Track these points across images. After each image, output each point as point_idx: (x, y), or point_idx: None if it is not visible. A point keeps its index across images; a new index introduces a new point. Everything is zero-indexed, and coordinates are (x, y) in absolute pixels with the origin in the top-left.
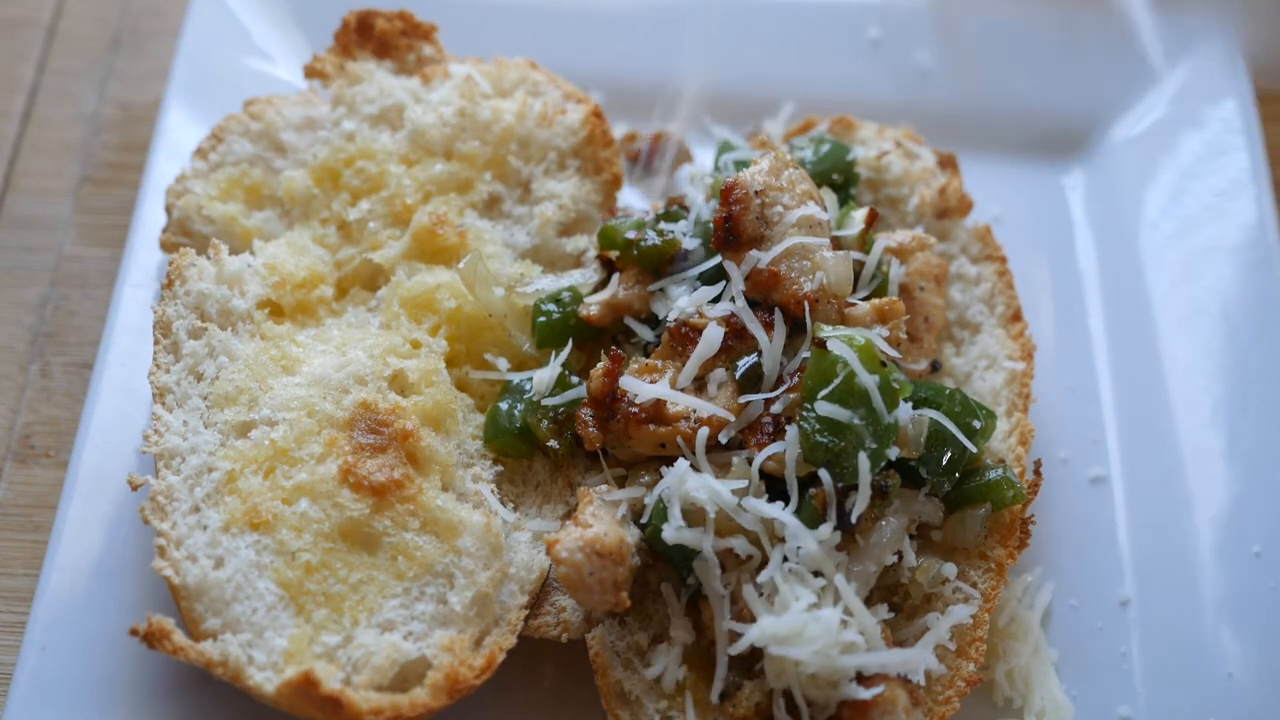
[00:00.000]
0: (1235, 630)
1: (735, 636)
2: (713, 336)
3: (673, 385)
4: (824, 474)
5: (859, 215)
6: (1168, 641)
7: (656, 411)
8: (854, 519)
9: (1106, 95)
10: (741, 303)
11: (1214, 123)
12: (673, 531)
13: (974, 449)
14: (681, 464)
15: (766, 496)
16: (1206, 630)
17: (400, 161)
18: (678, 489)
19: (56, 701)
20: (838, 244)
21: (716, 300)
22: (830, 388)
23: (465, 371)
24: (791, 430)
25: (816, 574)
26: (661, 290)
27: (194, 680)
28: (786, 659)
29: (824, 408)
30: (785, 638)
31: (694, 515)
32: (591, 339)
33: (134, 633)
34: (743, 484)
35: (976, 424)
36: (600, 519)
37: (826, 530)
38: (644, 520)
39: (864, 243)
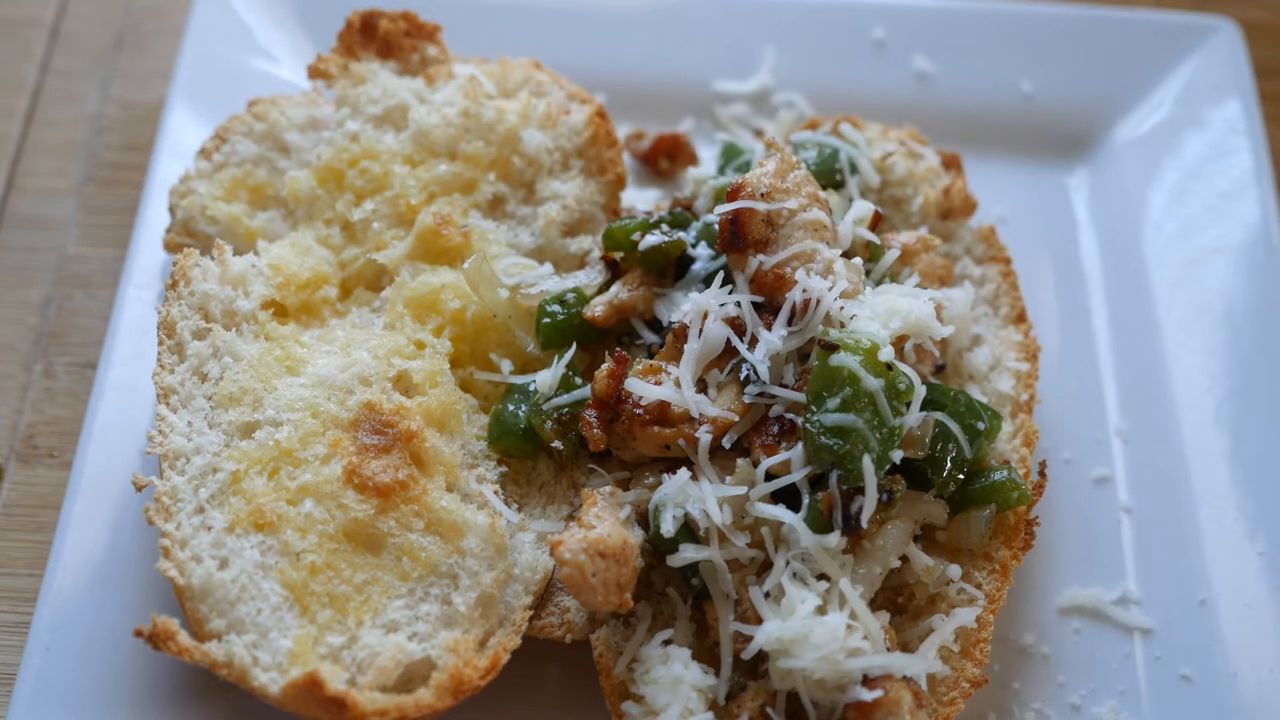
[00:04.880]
0: (1239, 630)
1: (739, 636)
2: (717, 338)
3: (677, 387)
4: (830, 477)
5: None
6: (1172, 642)
7: (661, 413)
8: (862, 522)
9: (1110, 96)
10: (746, 304)
11: (1217, 123)
12: (670, 528)
13: (975, 453)
14: (682, 474)
15: (771, 499)
16: (1210, 630)
17: (404, 162)
18: (675, 498)
19: (61, 702)
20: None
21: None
22: (835, 391)
23: (470, 372)
24: (797, 435)
25: (821, 577)
26: (666, 292)
27: (199, 681)
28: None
29: (829, 411)
30: (791, 642)
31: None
32: (596, 340)
33: (139, 634)
34: (743, 490)
35: (981, 425)
36: (604, 520)
37: (835, 536)
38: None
39: (867, 245)
